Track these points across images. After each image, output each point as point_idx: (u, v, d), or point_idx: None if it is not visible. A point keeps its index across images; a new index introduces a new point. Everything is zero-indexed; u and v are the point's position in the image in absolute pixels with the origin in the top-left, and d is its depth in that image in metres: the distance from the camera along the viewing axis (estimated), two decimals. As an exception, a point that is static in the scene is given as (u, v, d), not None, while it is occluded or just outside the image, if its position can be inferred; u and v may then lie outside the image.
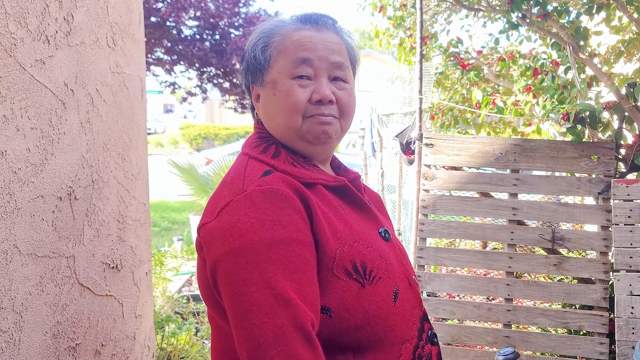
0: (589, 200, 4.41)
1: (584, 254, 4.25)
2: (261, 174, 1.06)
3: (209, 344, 3.40)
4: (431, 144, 3.44)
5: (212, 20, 10.33)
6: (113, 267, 1.77)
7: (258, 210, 0.99)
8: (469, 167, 3.53)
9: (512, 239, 3.33)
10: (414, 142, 3.67)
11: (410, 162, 4.20)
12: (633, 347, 2.97)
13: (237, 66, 10.37)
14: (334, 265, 1.02)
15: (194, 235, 7.27)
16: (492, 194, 3.68)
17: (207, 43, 10.63)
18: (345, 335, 1.01)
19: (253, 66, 1.17)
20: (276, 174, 1.06)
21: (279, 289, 0.93)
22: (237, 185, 1.05)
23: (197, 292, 5.27)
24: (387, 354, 1.05)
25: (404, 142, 4.30)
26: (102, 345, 1.70)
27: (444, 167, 3.53)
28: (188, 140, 24.50)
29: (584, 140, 3.33)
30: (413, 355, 1.09)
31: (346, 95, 1.15)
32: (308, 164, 1.15)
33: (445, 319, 3.46)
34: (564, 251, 3.47)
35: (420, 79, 3.64)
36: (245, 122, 25.73)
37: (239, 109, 12.15)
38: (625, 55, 4.15)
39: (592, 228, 4.25)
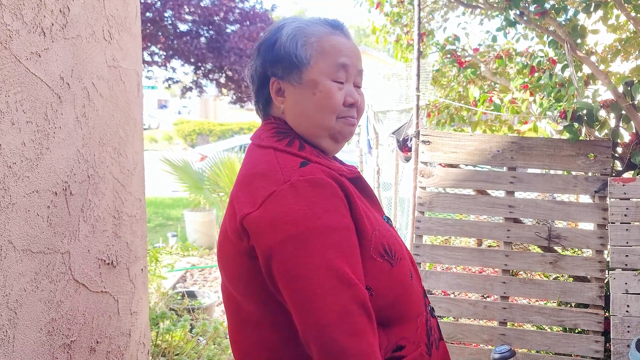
0: (585, 199, 4.41)
1: (579, 252, 4.26)
2: (299, 165, 1.11)
3: (204, 341, 3.39)
4: (428, 141, 3.43)
5: (208, 15, 10.29)
6: (108, 264, 1.75)
7: (307, 199, 1.05)
8: (466, 165, 3.52)
9: (508, 237, 3.33)
10: (411, 139, 3.66)
11: (407, 160, 4.19)
12: (628, 346, 2.97)
13: (235, 62, 10.34)
14: (370, 248, 1.11)
15: (189, 231, 7.28)
16: (489, 191, 3.68)
17: (202, 38, 10.58)
18: (381, 312, 1.10)
19: (288, 62, 1.19)
20: (313, 165, 1.12)
21: (340, 270, 1.00)
22: (276, 175, 1.09)
23: (192, 288, 5.25)
24: (409, 327, 1.17)
25: (401, 139, 4.29)
26: (97, 343, 1.68)
27: (440, 164, 3.52)
28: (182, 136, 24.39)
29: (580, 138, 3.32)
30: (426, 327, 1.21)
31: (362, 99, 1.26)
32: (328, 157, 1.22)
33: (440, 316, 3.45)
34: (559, 249, 3.47)
35: (418, 75, 3.63)
36: (240, 119, 25.65)
37: (238, 103, 12.12)
38: (622, 54, 4.14)
39: (586, 226, 4.25)
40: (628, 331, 3.00)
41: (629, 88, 3.21)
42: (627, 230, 3.11)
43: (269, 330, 1.12)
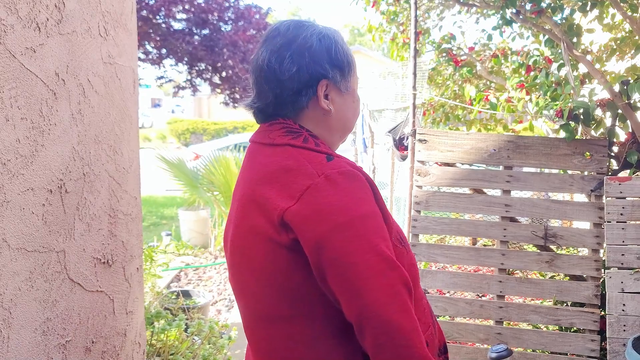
0: (580, 198, 4.42)
1: (575, 251, 4.26)
2: (325, 159, 1.16)
3: (199, 340, 3.37)
4: (424, 140, 3.42)
5: (202, 14, 10.24)
6: (104, 263, 1.73)
7: (345, 190, 1.10)
8: (463, 164, 3.52)
9: (504, 236, 3.33)
10: (407, 138, 3.65)
11: (403, 158, 4.18)
12: (624, 344, 2.98)
13: (230, 62, 10.30)
14: (392, 235, 1.17)
15: (183, 230, 7.24)
16: (485, 190, 3.68)
17: (196, 37, 10.54)
18: None
19: (346, 68, 1.26)
20: (338, 159, 1.17)
21: (385, 253, 1.06)
22: (307, 170, 1.13)
23: (187, 287, 5.23)
24: (421, 307, 1.24)
25: (397, 138, 4.28)
26: (93, 342, 1.66)
27: (437, 163, 3.51)
28: (176, 135, 24.31)
29: (577, 137, 3.32)
30: (430, 308, 1.31)
31: None
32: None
33: (437, 315, 3.45)
34: (553, 247, 3.47)
35: (415, 74, 3.61)
36: (234, 118, 25.56)
37: (231, 104, 12.06)
38: (617, 53, 4.15)
39: (581, 225, 4.26)
40: (624, 330, 3.01)
41: (625, 87, 3.22)
42: (623, 229, 3.12)
43: (303, 323, 1.14)
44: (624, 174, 3.42)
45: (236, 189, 1.30)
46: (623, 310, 3.03)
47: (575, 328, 3.34)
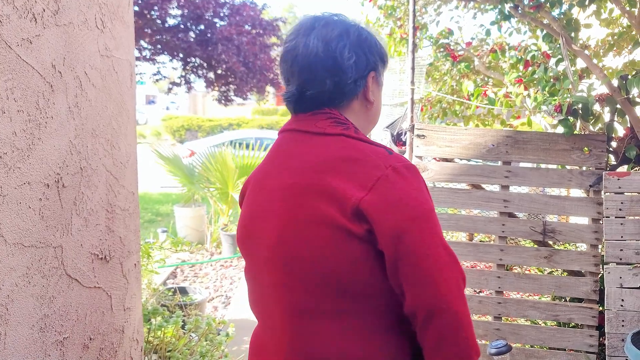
0: (577, 193, 4.41)
1: (574, 246, 4.26)
2: (387, 152, 1.17)
3: (196, 337, 3.34)
4: (423, 135, 3.41)
5: (197, 10, 10.19)
6: (102, 258, 1.70)
7: (414, 183, 1.13)
8: (461, 159, 3.50)
9: (503, 231, 3.32)
10: (405, 133, 3.64)
11: (401, 154, 4.16)
12: (623, 340, 2.97)
13: (224, 57, 10.26)
14: None
15: (179, 227, 7.21)
16: (484, 185, 3.66)
17: (191, 33, 10.49)
18: None
19: (386, 61, 1.31)
20: (396, 154, 1.18)
21: (449, 249, 1.11)
22: (373, 161, 1.14)
23: (183, 284, 5.20)
24: None
25: (395, 134, 4.26)
26: (91, 339, 1.64)
27: (435, 158, 3.49)
28: (171, 132, 24.20)
29: (575, 132, 3.31)
30: None
31: None
32: None
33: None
34: (551, 242, 3.47)
35: (413, 69, 3.59)
36: (229, 114, 25.48)
37: (223, 101, 12.03)
38: (615, 48, 4.14)
39: (579, 221, 4.25)
40: (622, 325, 3.00)
41: (624, 82, 3.21)
42: (621, 224, 3.11)
43: (358, 317, 1.13)
44: (623, 169, 3.41)
45: (268, 178, 1.26)
46: (621, 306, 3.03)
47: (573, 323, 3.34)
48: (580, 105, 3.21)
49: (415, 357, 1.16)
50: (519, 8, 3.61)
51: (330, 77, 1.21)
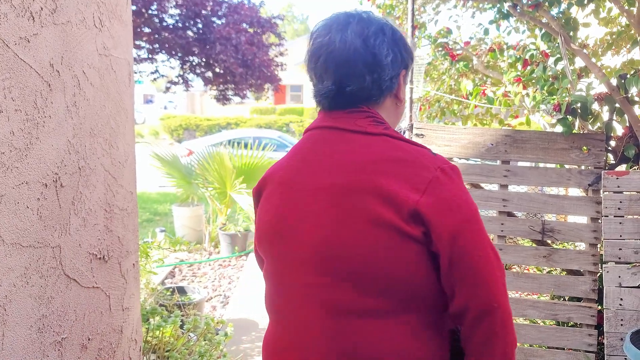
0: (575, 192, 4.41)
1: (572, 245, 4.26)
2: (429, 152, 1.20)
3: (195, 337, 3.34)
4: (422, 134, 3.40)
5: (195, 8, 10.17)
6: (100, 258, 1.70)
7: (460, 185, 1.17)
8: (460, 158, 3.50)
9: (502, 231, 3.31)
10: (404, 133, 3.63)
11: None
12: (622, 339, 2.97)
13: (222, 56, 10.24)
14: None
15: (177, 226, 7.20)
16: (483, 185, 3.66)
17: (189, 32, 10.47)
18: None
19: (413, 60, 1.34)
20: (438, 154, 1.21)
21: (494, 248, 1.15)
22: (422, 162, 1.16)
23: (181, 284, 5.20)
24: None
25: (393, 133, 4.24)
26: (89, 340, 1.63)
27: (434, 157, 3.48)
28: (169, 131, 24.18)
29: (574, 131, 3.31)
30: None
31: None
32: None
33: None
34: (549, 241, 3.46)
35: (412, 68, 3.59)
36: (227, 113, 25.45)
37: (221, 99, 12.01)
38: (613, 47, 4.14)
39: (577, 219, 4.25)
40: (621, 324, 3.00)
41: (623, 81, 3.20)
42: (620, 223, 3.11)
43: (406, 316, 1.15)
44: (621, 168, 3.41)
45: (300, 177, 1.23)
46: (620, 305, 3.03)
47: (572, 323, 3.33)
48: (579, 105, 3.21)
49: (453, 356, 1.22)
50: (518, 7, 3.61)
51: (369, 74, 1.21)
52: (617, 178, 3.14)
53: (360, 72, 1.20)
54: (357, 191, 1.13)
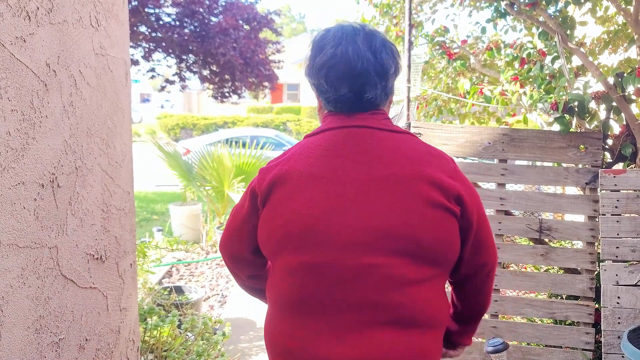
0: (572, 191, 4.42)
1: (570, 244, 4.26)
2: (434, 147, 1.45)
3: (192, 337, 3.33)
4: (419, 133, 3.40)
5: (191, 6, 10.15)
6: (97, 258, 1.69)
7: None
8: (457, 157, 3.50)
9: (499, 229, 3.31)
10: (401, 132, 3.62)
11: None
12: (619, 337, 2.98)
13: (221, 50, 10.22)
14: None
15: (174, 225, 7.19)
16: (480, 184, 3.66)
17: (186, 30, 10.44)
18: None
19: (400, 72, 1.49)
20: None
21: None
22: (442, 155, 1.39)
23: (179, 283, 5.19)
24: None
25: (391, 132, 4.24)
26: (87, 340, 1.63)
27: (431, 156, 3.48)
28: (165, 130, 24.12)
29: (571, 130, 3.31)
30: None
31: None
32: None
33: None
34: (546, 239, 3.46)
35: (409, 66, 3.59)
36: (224, 112, 25.42)
37: (219, 98, 11.98)
38: (610, 46, 4.14)
39: (574, 218, 4.26)
40: (619, 323, 3.01)
41: (620, 80, 3.21)
42: (617, 221, 3.11)
43: (439, 280, 1.36)
44: (619, 166, 3.41)
45: (337, 171, 1.31)
46: (618, 303, 3.03)
47: (570, 321, 3.34)
48: (576, 103, 3.21)
49: None
50: (515, 6, 3.60)
51: (379, 82, 1.35)
52: (615, 176, 3.14)
53: (374, 82, 1.34)
54: (410, 179, 1.30)
